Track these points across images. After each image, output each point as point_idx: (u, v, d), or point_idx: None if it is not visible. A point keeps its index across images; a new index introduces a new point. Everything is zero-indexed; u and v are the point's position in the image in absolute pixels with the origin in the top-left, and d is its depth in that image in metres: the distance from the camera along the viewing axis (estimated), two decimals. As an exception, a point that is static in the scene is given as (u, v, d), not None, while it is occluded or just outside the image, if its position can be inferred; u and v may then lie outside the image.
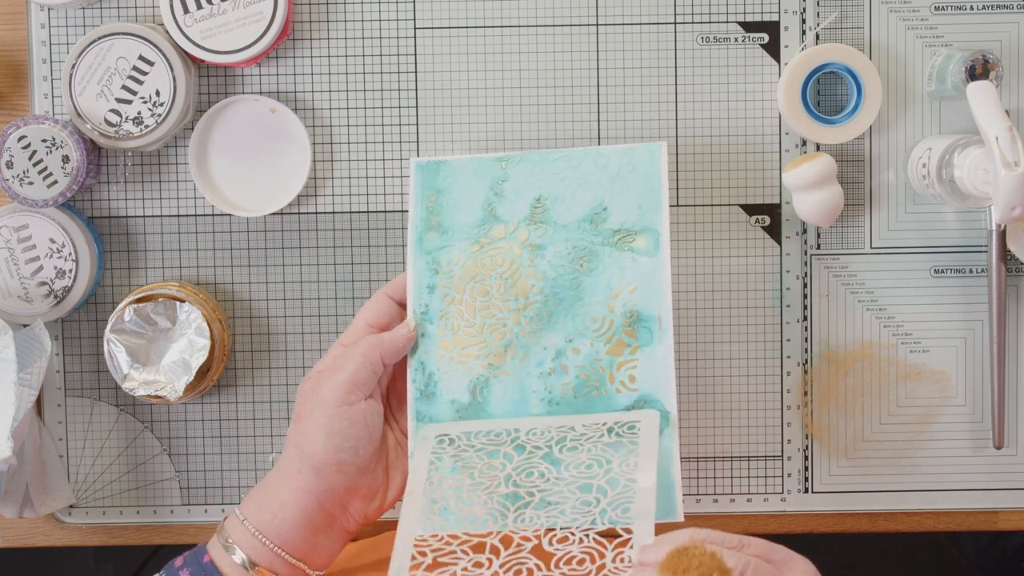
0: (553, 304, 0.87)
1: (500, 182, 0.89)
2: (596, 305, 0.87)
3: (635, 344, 0.86)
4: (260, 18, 0.91)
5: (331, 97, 0.96)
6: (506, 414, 0.86)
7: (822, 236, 0.96)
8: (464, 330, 0.87)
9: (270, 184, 0.95)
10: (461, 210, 0.89)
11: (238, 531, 0.82)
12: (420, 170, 0.90)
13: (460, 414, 0.86)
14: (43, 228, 0.92)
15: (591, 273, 0.87)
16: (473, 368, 0.87)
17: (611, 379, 0.86)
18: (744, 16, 0.95)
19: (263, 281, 0.97)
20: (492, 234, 0.88)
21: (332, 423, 0.82)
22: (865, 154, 0.96)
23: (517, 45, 0.96)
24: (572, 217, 0.88)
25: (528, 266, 0.88)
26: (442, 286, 0.88)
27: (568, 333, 0.87)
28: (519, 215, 0.89)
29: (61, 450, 0.97)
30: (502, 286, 0.88)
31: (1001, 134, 0.83)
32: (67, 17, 0.95)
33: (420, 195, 0.90)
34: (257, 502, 0.83)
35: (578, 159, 0.89)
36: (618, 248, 0.88)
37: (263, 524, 0.82)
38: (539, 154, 0.89)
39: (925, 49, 0.95)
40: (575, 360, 0.86)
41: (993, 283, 0.94)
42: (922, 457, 0.98)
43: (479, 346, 0.87)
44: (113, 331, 0.91)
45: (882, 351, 0.97)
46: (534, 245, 0.88)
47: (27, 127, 0.89)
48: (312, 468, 0.82)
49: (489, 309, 0.88)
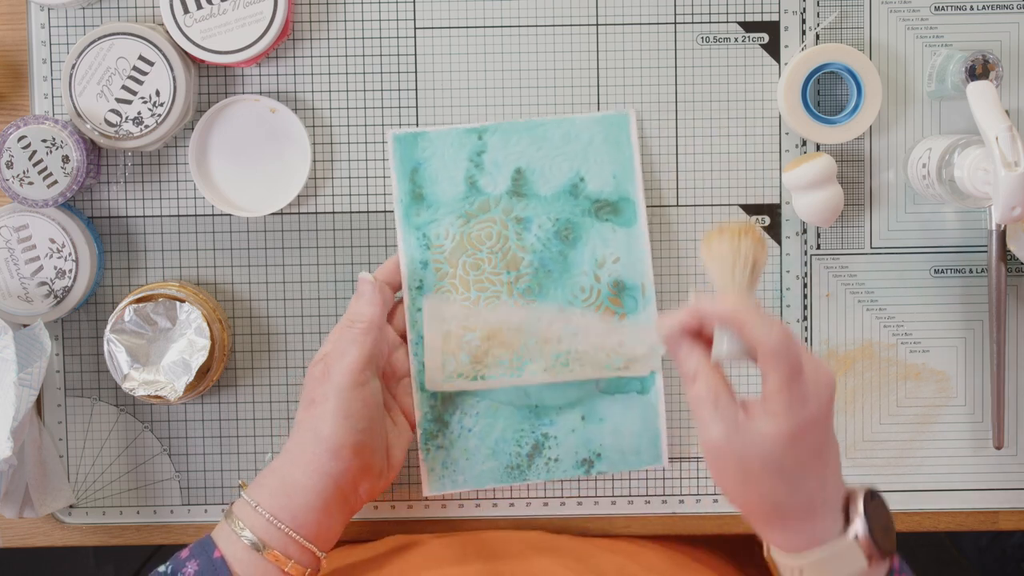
0: (543, 276, 0.94)
1: (479, 153, 0.94)
2: (583, 276, 0.94)
3: (622, 312, 0.94)
4: (260, 18, 0.91)
5: (331, 97, 0.96)
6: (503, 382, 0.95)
7: (822, 236, 0.96)
8: (459, 303, 0.93)
9: (270, 184, 0.95)
10: (443, 182, 0.94)
11: (250, 517, 0.82)
12: (398, 142, 0.94)
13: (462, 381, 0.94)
14: (43, 228, 0.92)
15: (575, 245, 0.94)
16: (471, 340, 0.93)
17: (607, 356, 0.94)
18: (744, 16, 0.95)
19: (263, 281, 0.97)
20: (477, 207, 0.94)
21: (348, 405, 0.84)
22: (865, 154, 0.96)
23: (517, 45, 0.96)
24: (552, 188, 0.94)
25: (516, 239, 0.94)
26: (434, 261, 0.93)
27: (559, 303, 0.94)
28: (501, 187, 0.94)
29: (61, 450, 0.97)
30: (493, 259, 0.94)
31: (1001, 134, 0.83)
32: (67, 17, 0.95)
33: (401, 168, 0.94)
34: (268, 487, 0.83)
35: (551, 129, 0.94)
36: (598, 219, 0.94)
37: (278, 508, 0.83)
38: (512, 124, 0.94)
39: (925, 49, 0.95)
40: (568, 328, 0.94)
41: (993, 283, 0.94)
42: (922, 457, 0.98)
43: (475, 318, 0.93)
44: (113, 331, 0.91)
45: (882, 351, 0.97)
46: (519, 218, 0.94)
47: (27, 127, 0.89)
48: (328, 451, 0.83)
49: (483, 283, 0.93)
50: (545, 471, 0.95)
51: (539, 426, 0.95)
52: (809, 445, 0.73)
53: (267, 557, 0.82)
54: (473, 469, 0.95)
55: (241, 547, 0.82)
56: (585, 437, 0.95)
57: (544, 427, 0.95)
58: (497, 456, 0.95)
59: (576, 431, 0.95)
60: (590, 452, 0.95)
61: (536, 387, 0.94)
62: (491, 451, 0.95)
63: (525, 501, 0.97)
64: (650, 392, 0.95)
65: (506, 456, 0.95)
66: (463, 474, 0.95)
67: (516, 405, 0.94)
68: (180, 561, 0.82)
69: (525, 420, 0.95)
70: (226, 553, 0.82)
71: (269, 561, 0.82)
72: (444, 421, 0.94)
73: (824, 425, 0.74)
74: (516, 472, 0.95)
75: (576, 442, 0.95)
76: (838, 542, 0.74)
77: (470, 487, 0.95)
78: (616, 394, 0.95)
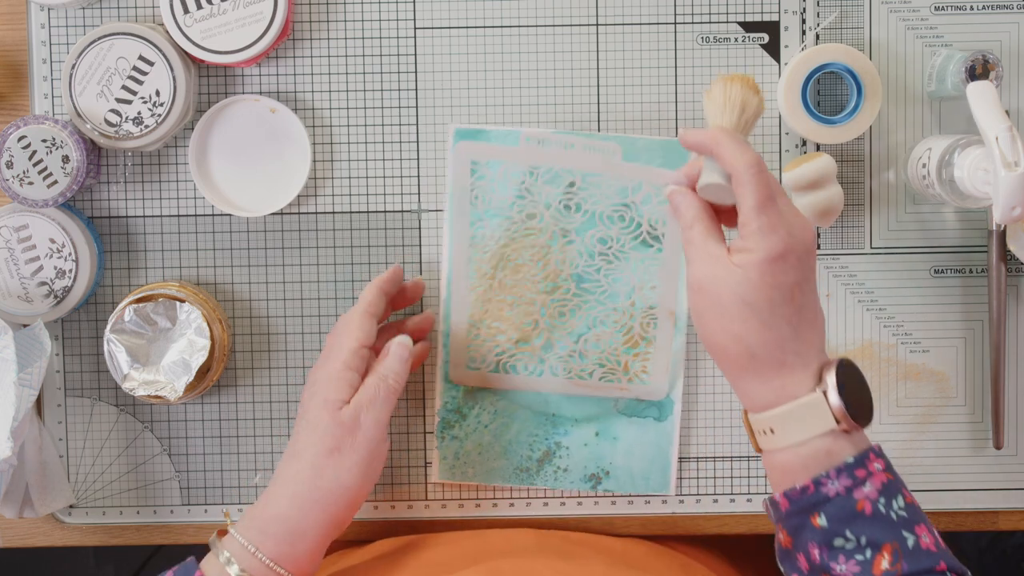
0: (579, 291, 0.95)
1: (535, 161, 0.94)
2: (619, 297, 0.94)
3: (651, 338, 0.95)
4: (260, 18, 0.91)
5: (331, 97, 0.96)
6: None
7: (822, 236, 0.96)
8: (494, 304, 0.94)
9: (270, 184, 0.95)
10: (496, 184, 0.94)
11: (247, 560, 0.82)
12: (459, 136, 0.94)
13: (487, 376, 0.95)
14: (43, 228, 0.92)
15: (616, 266, 0.94)
16: (500, 342, 0.95)
17: (626, 368, 0.95)
18: (744, 16, 0.95)
19: (263, 281, 0.97)
20: (526, 214, 0.94)
21: (372, 459, 0.85)
22: (865, 154, 0.96)
23: (517, 45, 0.96)
24: (601, 207, 0.94)
25: (559, 251, 0.94)
26: (476, 260, 0.94)
27: (591, 320, 0.95)
28: (552, 198, 0.94)
29: (61, 450, 0.97)
30: (533, 268, 0.94)
31: (1001, 134, 0.83)
32: (67, 17, 0.95)
33: (457, 163, 0.94)
34: (273, 536, 0.83)
35: (610, 149, 0.94)
36: (642, 244, 0.94)
37: (282, 557, 0.83)
38: (574, 134, 0.94)
39: (925, 49, 0.95)
40: (595, 346, 0.95)
41: (993, 283, 0.94)
42: (922, 457, 0.98)
43: (507, 322, 0.95)
44: (113, 331, 0.91)
45: (882, 351, 0.97)
46: (565, 231, 0.94)
47: (27, 127, 0.89)
48: (348, 503, 0.84)
49: (519, 288, 0.94)
50: (553, 479, 0.96)
51: (553, 434, 0.95)
52: (781, 284, 0.75)
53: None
54: (484, 464, 0.95)
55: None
56: (597, 453, 0.95)
57: (558, 436, 0.95)
58: (508, 456, 0.95)
59: (588, 445, 0.95)
60: (599, 469, 0.96)
61: (556, 397, 0.95)
62: (503, 450, 0.95)
63: (525, 501, 0.97)
64: (667, 420, 0.95)
65: (517, 457, 0.95)
66: (473, 467, 0.95)
67: (534, 410, 0.95)
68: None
69: (540, 426, 0.95)
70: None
71: None
72: (463, 413, 0.95)
73: (799, 270, 0.76)
74: (524, 475, 0.95)
75: (587, 456, 0.95)
76: (806, 398, 0.76)
77: (478, 481, 0.96)
78: (633, 416, 0.95)
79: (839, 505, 0.75)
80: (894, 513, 0.75)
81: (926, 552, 0.74)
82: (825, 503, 0.75)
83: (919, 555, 0.74)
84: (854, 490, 0.75)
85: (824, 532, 0.75)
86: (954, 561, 0.75)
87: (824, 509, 0.75)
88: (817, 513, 0.75)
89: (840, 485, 0.75)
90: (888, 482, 0.76)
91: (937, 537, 0.76)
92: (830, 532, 0.75)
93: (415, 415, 0.97)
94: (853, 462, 0.75)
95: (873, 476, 0.75)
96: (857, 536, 0.74)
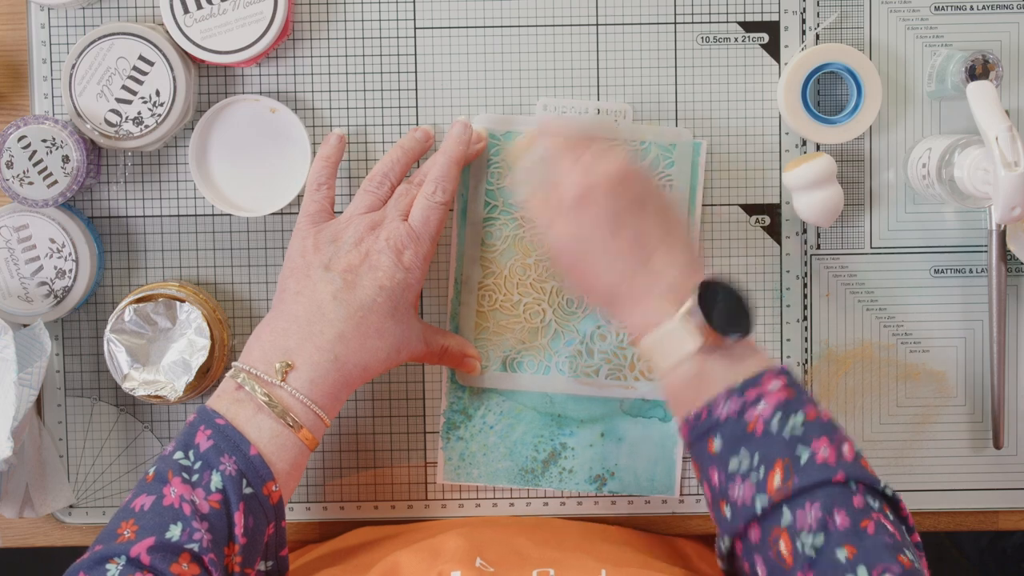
0: None
1: None
2: None
3: None
4: (260, 18, 0.91)
5: (331, 97, 0.96)
6: None
7: (822, 236, 0.96)
8: (501, 303, 0.95)
9: (270, 184, 0.95)
10: (506, 182, 0.94)
11: (286, 400, 0.82)
12: None
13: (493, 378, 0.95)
14: (43, 228, 0.92)
15: None
16: (507, 340, 0.95)
17: (632, 367, 0.95)
18: (744, 16, 0.95)
19: (263, 281, 0.97)
20: None
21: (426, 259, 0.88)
22: (865, 154, 0.96)
23: (517, 45, 0.96)
24: None
25: None
26: (484, 259, 0.95)
27: (597, 319, 0.95)
28: None
29: (61, 450, 0.97)
30: (541, 268, 0.95)
31: (1001, 134, 0.83)
32: (67, 17, 0.95)
33: (474, 164, 0.94)
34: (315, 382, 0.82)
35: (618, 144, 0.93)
36: None
37: (317, 395, 0.83)
38: None
39: (925, 49, 0.95)
40: (601, 346, 0.95)
41: (993, 283, 0.94)
42: (922, 457, 0.98)
43: (514, 320, 0.95)
44: (113, 331, 0.91)
45: (882, 351, 0.97)
46: None
47: (27, 127, 0.89)
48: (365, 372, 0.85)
49: (527, 287, 0.95)
50: (558, 480, 0.96)
51: (559, 435, 0.95)
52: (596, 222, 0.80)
53: (299, 437, 0.81)
54: (489, 466, 0.96)
55: (269, 429, 0.80)
56: (602, 454, 0.95)
57: (563, 437, 0.95)
58: (513, 457, 0.96)
59: (594, 446, 0.95)
60: (604, 470, 0.96)
61: (561, 397, 0.95)
62: (508, 451, 0.95)
63: (526, 501, 0.97)
64: (672, 420, 0.95)
65: (522, 459, 0.96)
66: (478, 468, 0.96)
67: (540, 411, 0.95)
68: (207, 455, 0.79)
69: (546, 427, 0.95)
70: (256, 441, 0.80)
71: (300, 440, 0.81)
72: (468, 414, 0.96)
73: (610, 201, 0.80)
74: (530, 476, 0.96)
75: (592, 457, 0.95)
76: (669, 321, 0.78)
77: (483, 483, 0.96)
78: (639, 417, 0.95)
79: (731, 426, 0.76)
80: (788, 430, 0.75)
81: (822, 465, 0.74)
82: (718, 426, 0.76)
83: (812, 469, 0.73)
84: (745, 411, 0.75)
85: (719, 457, 0.76)
86: (861, 472, 0.74)
87: (719, 431, 0.76)
88: (712, 437, 0.76)
89: (730, 407, 0.76)
90: (786, 400, 0.76)
91: (843, 451, 0.75)
92: (725, 454, 0.76)
93: (415, 415, 0.97)
94: (743, 383, 0.76)
95: (768, 395, 0.76)
96: (751, 455, 0.75)
